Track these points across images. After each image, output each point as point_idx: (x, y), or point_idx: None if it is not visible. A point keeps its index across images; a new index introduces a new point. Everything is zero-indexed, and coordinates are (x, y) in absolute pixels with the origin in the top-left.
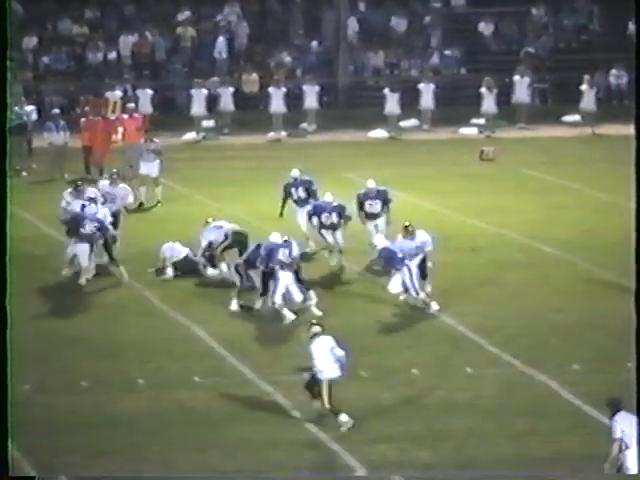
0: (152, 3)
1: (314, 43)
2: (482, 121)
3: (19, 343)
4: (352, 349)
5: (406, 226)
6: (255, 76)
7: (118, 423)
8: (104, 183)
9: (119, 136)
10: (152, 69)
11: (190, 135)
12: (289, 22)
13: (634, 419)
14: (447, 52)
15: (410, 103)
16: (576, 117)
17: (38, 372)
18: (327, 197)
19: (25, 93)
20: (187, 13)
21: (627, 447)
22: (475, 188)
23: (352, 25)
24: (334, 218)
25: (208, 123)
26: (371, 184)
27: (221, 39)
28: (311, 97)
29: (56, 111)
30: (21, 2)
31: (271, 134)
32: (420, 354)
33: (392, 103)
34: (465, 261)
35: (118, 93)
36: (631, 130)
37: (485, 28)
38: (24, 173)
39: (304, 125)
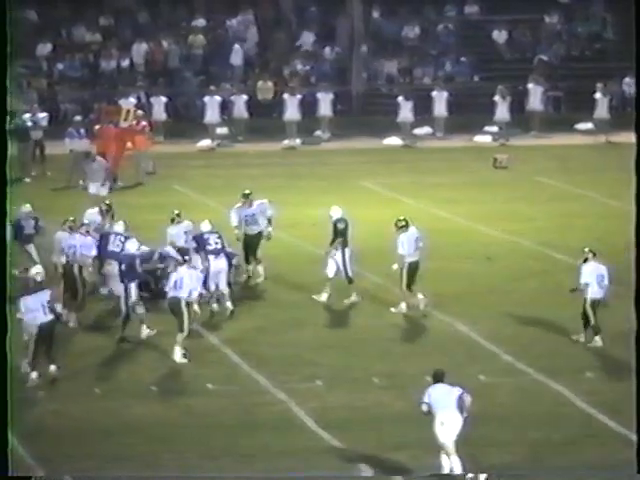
0: (166, 11)
1: (328, 50)
2: (495, 129)
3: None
4: (367, 357)
5: (399, 220)
6: (269, 83)
7: (131, 430)
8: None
9: (132, 144)
10: (166, 76)
11: (204, 142)
12: (303, 30)
13: (447, 389)
14: (461, 60)
15: (424, 111)
16: (589, 125)
17: (52, 379)
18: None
19: (39, 100)
20: (201, 21)
21: (433, 412)
22: (488, 196)
23: (366, 33)
24: None
25: (222, 130)
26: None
27: (235, 46)
28: (325, 105)
29: (77, 118)
30: (35, 9)
31: (285, 141)
32: (434, 362)
33: (406, 111)
34: (479, 269)
35: (132, 100)
36: None
37: (499, 36)
38: (27, 179)
39: (318, 132)
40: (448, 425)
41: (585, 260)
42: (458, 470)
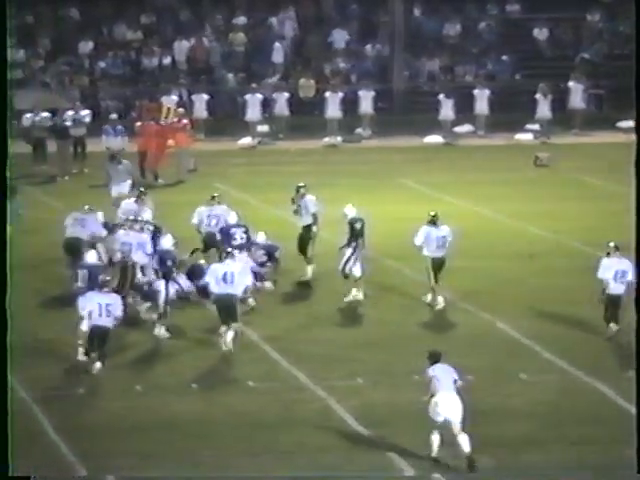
0: (207, 8)
1: (369, 48)
2: (537, 127)
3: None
4: (407, 354)
5: (432, 215)
6: (311, 81)
7: (171, 427)
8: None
9: (173, 141)
10: (207, 74)
11: (245, 140)
12: (344, 27)
13: (446, 369)
14: (502, 58)
15: (465, 109)
16: (631, 123)
17: (92, 376)
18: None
19: (81, 97)
20: (242, 18)
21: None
22: (530, 194)
23: (407, 30)
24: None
25: (263, 128)
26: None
27: (276, 44)
28: (366, 102)
29: (113, 116)
30: (77, 7)
31: (326, 139)
32: (475, 360)
33: (447, 109)
34: (520, 267)
35: (174, 98)
36: None
37: (540, 34)
38: (66, 177)
39: (359, 130)
40: (446, 405)
41: (608, 254)
42: (467, 448)
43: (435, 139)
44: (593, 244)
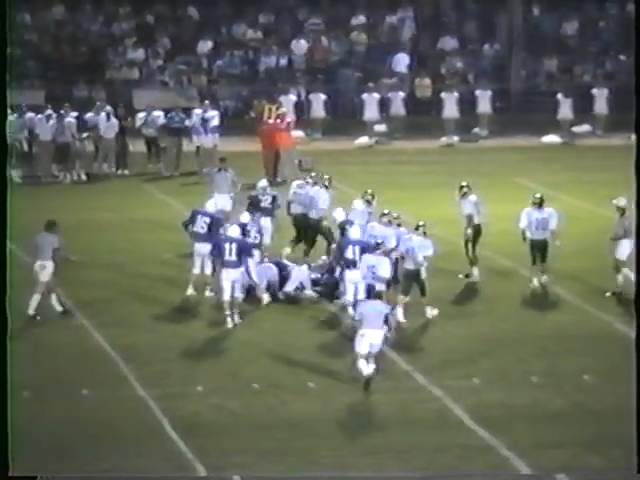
0: (326, 8)
1: (487, 48)
2: None
3: (195, 344)
4: (526, 355)
5: (536, 197)
6: (427, 81)
7: (290, 425)
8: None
9: (278, 141)
10: (325, 73)
11: (363, 139)
12: (462, 27)
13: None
14: (621, 57)
15: (583, 109)
16: None
17: (211, 374)
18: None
19: (200, 97)
20: (361, 17)
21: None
22: None
23: (525, 30)
24: None
25: (380, 128)
26: None
27: (394, 43)
28: (484, 102)
29: (207, 115)
30: (197, 7)
31: (443, 139)
32: (592, 360)
33: (565, 108)
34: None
35: (292, 98)
36: None
37: None
38: (175, 173)
39: (476, 130)
40: (367, 338)
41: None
42: (368, 372)
43: (553, 139)
44: None
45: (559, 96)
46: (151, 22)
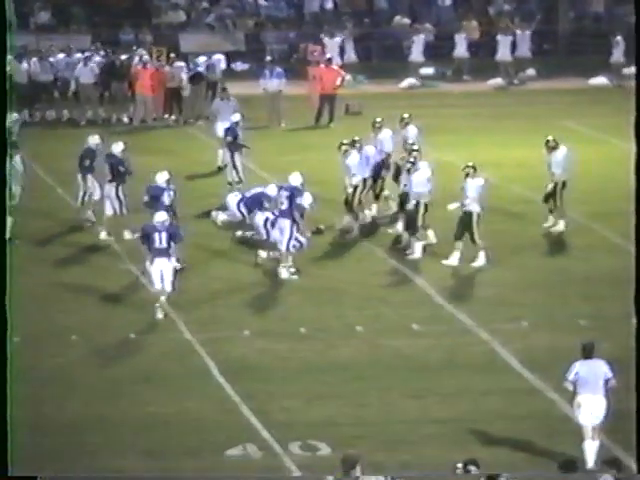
0: None
1: None
2: None
3: (241, 289)
4: (571, 297)
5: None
6: (474, 23)
7: (337, 369)
8: None
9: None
10: (370, 16)
11: (408, 81)
12: None
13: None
14: None
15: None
16: None
17: (258, 318)
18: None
19: (246, 41)
20: None
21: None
22: None
23: None
24: None
25: (427, 70)
26: None
27: None
28: (531, 44)
29: (268, 58)
30: None
31: (491, 81)
32: None
33: (618, 51)
34: None
35: (337, 40)
36: None
37: None
38: (199, 122)
39: (528, 72)
40: (587, 408)
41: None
42: (592, 456)
43: (601, 81)
44: None
45: (618, 38)
46: None
